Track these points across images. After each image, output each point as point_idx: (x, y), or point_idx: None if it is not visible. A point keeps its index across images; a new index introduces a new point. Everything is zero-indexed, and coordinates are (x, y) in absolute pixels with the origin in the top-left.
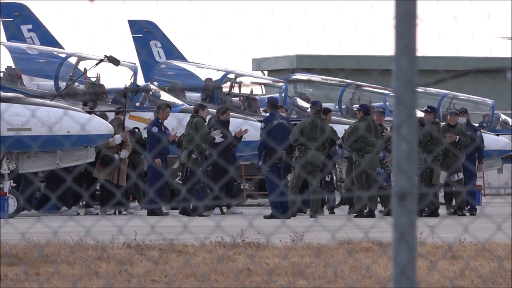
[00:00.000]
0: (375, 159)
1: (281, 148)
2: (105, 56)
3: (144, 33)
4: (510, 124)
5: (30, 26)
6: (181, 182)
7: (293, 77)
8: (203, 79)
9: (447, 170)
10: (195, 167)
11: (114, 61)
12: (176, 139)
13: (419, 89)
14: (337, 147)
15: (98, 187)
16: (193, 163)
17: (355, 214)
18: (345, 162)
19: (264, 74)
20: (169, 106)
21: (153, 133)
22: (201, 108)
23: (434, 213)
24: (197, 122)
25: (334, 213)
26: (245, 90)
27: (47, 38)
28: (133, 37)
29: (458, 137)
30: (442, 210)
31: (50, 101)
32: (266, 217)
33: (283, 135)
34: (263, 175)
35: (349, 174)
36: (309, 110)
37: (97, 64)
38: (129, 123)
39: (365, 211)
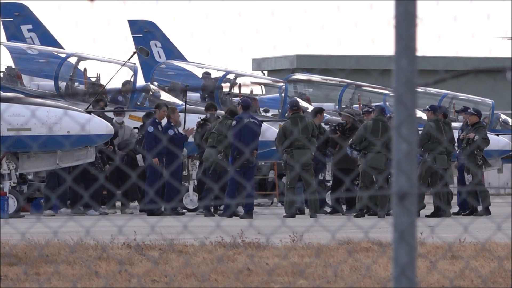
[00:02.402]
0: (376, 158)
1: (250, 148)
2: (136, 48)
3: (144, 33)
4: (510, 124)
5: (30, 26)
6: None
7: (293, 77)
8: (202, 75)
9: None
10: (219, 167)
11: (144, 52)
12: (193, 133)
13: (419, 89)
14: (347, 147)
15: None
16: (217, 163)
17: (355, 214)
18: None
19: (264, 74)
20: (166, 105)
21: (149, 133)
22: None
23: (436, 214)
24: (230, 126)
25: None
26: (245, 90)
27: (47, 38)
28: (133, 37)
29: (475, 135)
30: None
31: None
32: (238, 216)
33: (253, 135)
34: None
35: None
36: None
37: (130, 57)
38: (129, 123)
39: (369, 212)
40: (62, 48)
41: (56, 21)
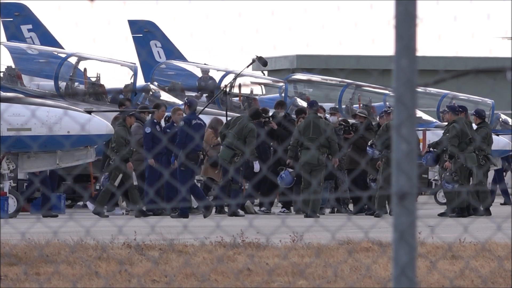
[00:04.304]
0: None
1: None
2: (256, 56)
3: (144, 33)
4: (510, 124)
5: (30, 26)
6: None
7: (293, 77)
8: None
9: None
10: (232, 168)
11: (263, 61)
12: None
13: (419, 89)
14: (367, 147)
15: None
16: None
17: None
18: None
19: (264, 74)
20: (165, 105)
21: (147, 133)
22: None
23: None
24: (252, 130)
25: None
26: (245, 90)
27: (47, 38)
28: (133, 37)
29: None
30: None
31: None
32: (173, 216)
33: (199, 136)
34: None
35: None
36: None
37: (250, 64)
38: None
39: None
40: (62, 48)
41: (56, 21)
